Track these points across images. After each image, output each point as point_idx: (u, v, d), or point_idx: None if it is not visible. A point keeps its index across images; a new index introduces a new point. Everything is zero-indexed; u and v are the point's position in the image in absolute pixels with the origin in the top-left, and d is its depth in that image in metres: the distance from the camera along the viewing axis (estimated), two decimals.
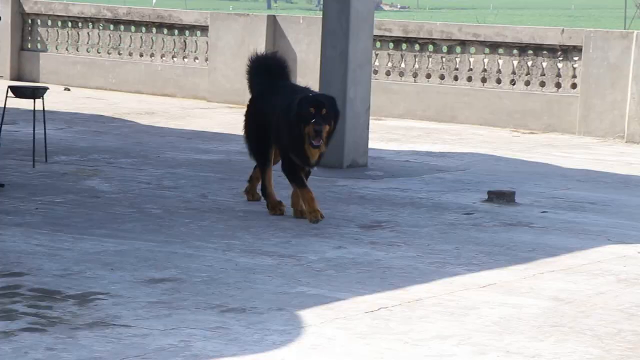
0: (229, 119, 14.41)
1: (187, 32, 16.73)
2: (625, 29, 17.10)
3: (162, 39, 16.90)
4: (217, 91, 16.06)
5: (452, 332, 5.44)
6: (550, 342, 5.34)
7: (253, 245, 7.22)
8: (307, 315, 5.63)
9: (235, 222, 7.95)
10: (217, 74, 16.11)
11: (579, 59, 13.90)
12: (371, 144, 11.20)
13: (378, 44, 15.23)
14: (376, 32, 14.66)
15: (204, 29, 16.44)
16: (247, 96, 17.73)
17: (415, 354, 5.09)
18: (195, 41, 16.62)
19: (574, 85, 14.00)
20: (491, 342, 5.29)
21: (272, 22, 15.76)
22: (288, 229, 7.76)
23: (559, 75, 14.14)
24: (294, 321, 5.52)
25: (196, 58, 16.59)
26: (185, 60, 16.71)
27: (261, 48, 15.67)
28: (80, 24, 17.60)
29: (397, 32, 15.25)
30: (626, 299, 6.18)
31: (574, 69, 14.02)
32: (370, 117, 11.12)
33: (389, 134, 13.49)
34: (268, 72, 8.53)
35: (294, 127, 7.83)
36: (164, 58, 16.87)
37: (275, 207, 8.25)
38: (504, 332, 5.48)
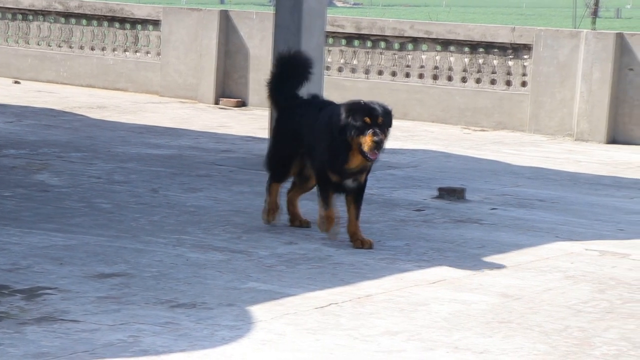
0: (181, 114, 14.36)
1: (139, 26, 16.63)
2: (574, 27, 17.26)
3: (114, 32, 16.79)
4: (169, 86, 15.99)
5: (402, 328, 5.46)
6: (499, 338, 5.38)
7: (204, 240, 7.20)
8: (258, 310, 5.63)
9: (186, 217, 7.92)
10: (170, 69, 16.04)
11: (529, 58, 14.02)
12: None
13: (330, 41, 15.25)
14: (329, 28, 14.68)
15: (156, 23, 16.36)
16: (200, 91, 17.71)
17: (365, 350, 5.11)
18: (148, 35, 16.53)
19: (524, 84, 14.12)
20: (440, 338, 5.33)
21: (225, 17, 15.72)
22: (239, 224, 7.75)
23: (509, 73, 14.25)
24: (244, 317, 5.52)
25: (148, 52, 16.51)
26: (138, 54, 16.61)
27: (213, 43, 15.64)
28: (30, 17, 17.43)
29: (350, 29, 15.28)
30: (573, 296, 6.25)
31: (524, 67, 14.13)
32: None
33: None
34: (295, 79, 7.72)
35: (336, 138, 6.97)
36: (115, 52, 16.76)
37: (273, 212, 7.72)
38: (452, 328, 5.51)
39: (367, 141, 6.84)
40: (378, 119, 6.88)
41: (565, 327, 5.61)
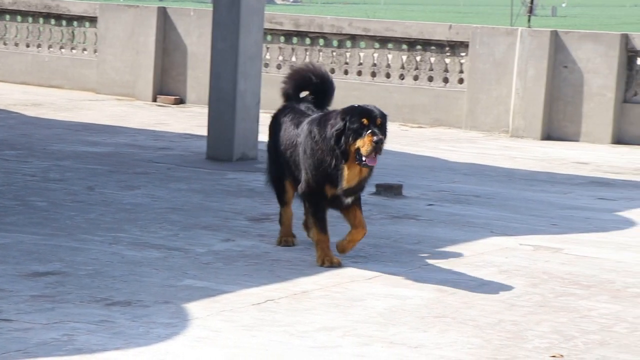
0: (118, 111, 14.27)
1: (75, 23, 16.49)
2: (511, 25, 17.42)
3: (50, 29, 16.63)
4: (106, 83, 15.87)
5: (338, 324, 5.49)
6: (434, 332, 5.43)
7: (140, 238, 7.17)
8: (194, 308, 5.62)
9: (122, 215, 7.88)
10: (106, 66, 15.92)
11: (466, 55, 14.13)
12: (262, 137, 11.20)
13: (269, 38, 15.25)
14: (267, 25, 14.67)
15: (93, 20, 16.23)
16: (137, 88, 17.59)
17: (301, 346, 5.12)
18: (84, 32, 16.40)
19: (461, 81, 14.24)
20: (376, 333, 5.36)
21: (163, 13, 15.63)
22: (176, 222, 7.73)
23: (446, 71, 14.35)
24: (180, 314, 5.51)
25: (85, 49, 16.37)
26: (74, 51, 16.47)
27: (151, 40, 15.56)
28: None
29: (288, 26, 15.29)
30: (507, 290, 6.32)
31: (461, 64, 14.25)
32: (261, 111, 11.13)
33: None
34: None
35: (333, 145, 6.43)
36: (51, 49, 16.60)
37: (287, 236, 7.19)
38: (388, 323, 5.55)
39: (365, 143, 6.31)
40: (376, 120, 6.41)
41: (499, 321, 5.67)
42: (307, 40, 15.20)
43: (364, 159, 6.35)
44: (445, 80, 14.35)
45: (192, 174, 9.79)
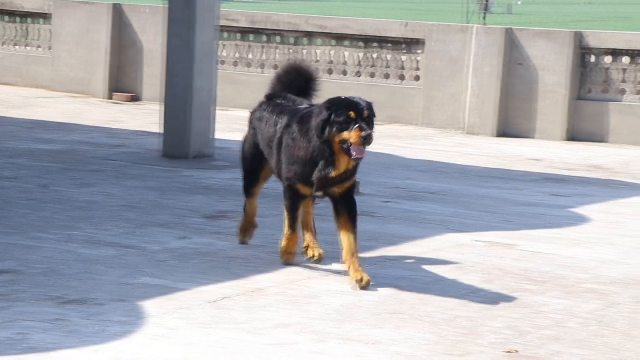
0: (73, 109, 14.17)
1: (29, 20, 16.35)
2: (466, 23, 17.52)
3: (3, 26, 16.48)
4: (61, 80, 15.76)
5: (294, 321, 5.50)
6: (389, 329, 5.46)
7: (95, 236, 7.13)
8: (149, 306, 5.60)
9: (77, 213, 7.83)
10: (61, 63, 15.81)
11: (422, 52, 14.19)
12: (218, 135, 11.18)
13: (225, 35, 15.22)
14: (223, 22, 14.63)
15: (47, 17, 16.10)
16: (92, 85, 17.46)
17: (257, 343, 5.13)
18: (38, 29, 16.26)
19: (417, 78, 14.29)
20: (332, 330, 5.38)
21: (117, 10, 15.55)
22: (132, 219, 7.69)
23: (402, 68, 14.41)
24: (135, 312, 5.48)
25: (39, 46, 16.24)
26: (28, 48, 16.33)
27: (106, 37, 15.46)
28: None
29: (244, 23, 15.27)
30: (462, 286, 6.36)
31: (417, 62, 14.31)
32: (217, 108, 11.11)
33: (235, 124, 13.50)
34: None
35: (318, 135, 6.19)
36: (4, 46, 16.45)
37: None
38: (344, 320, 5.57)
39: (353, 136, 6.07)
40: (364, 112, 6.15)
41: (454, 317, 5.71)
42: (264, 38, 15.18)
43: (352, 149, 6.10)
44: (401, 77, 14.40)
45: (147, 172, 9.75)
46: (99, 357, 4.82)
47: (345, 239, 6.31)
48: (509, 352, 5.17)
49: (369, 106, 6.25)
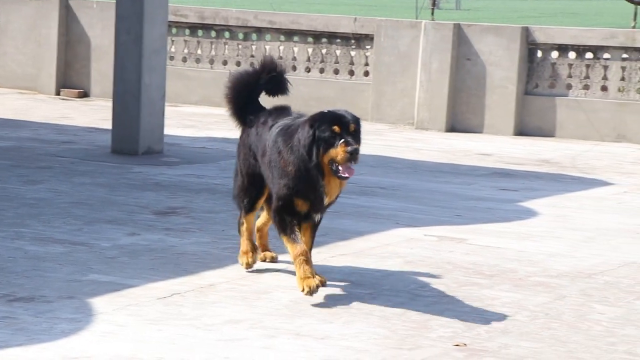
0: (20, 105, 14.03)
1: None
2: (415, 18, 17.58)
3: None
4: (8, 76, 15.60)
5: (244, 316, 5.50)
6: (339, 323, 5.47)
7: (43, 233, 7.07)
8: (99, 302, 5.57)
9: (25, 209, 7.76)
10: (7, 59, 15.65)
11: (371, 48, 14.24)
12: (167, 131, 11.14)
13: (174, 30, 15.16)
14: (172, 18, 14.59)
15: None
16: (40, 81, 17.28)
17: (207, 339, 5.12)
18: None
19: (366, 73, 14.34)
20: (282, 325, 5.38)
21: (65, 6, 15.42)
22: (80, 216, 7.64)
23: (352, 63, 14.44)
24: (84, 309, 5.45)
25: None
26: None
27: (53, 33, 15.33)
28: None
29: (193, 19, 15.21)
30: (412, 281, 6.40)
31: (367, 57, 14.35)
32: (167, 104, 11.07)
33: (185, 120, 13.47)
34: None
35: (303, 156, 5.77)
36: None
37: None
38: (294, 315, 5.58)
39: (339, 153, 5.68)
40: (349, 126, 5.74)
41: (404, 311, 5.74)
42: (213, 33, 15.14)
43: (340, 169, 5.71)
44: (351, 73, 14.43)
45: (96, 168, 9.69)
46: (47, 354, 4.79)
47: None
48: (457, 345, 5.21)
49: (355, 119, 5.81)
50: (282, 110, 6.32)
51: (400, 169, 10.61)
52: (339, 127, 5.73)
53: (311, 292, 5.72)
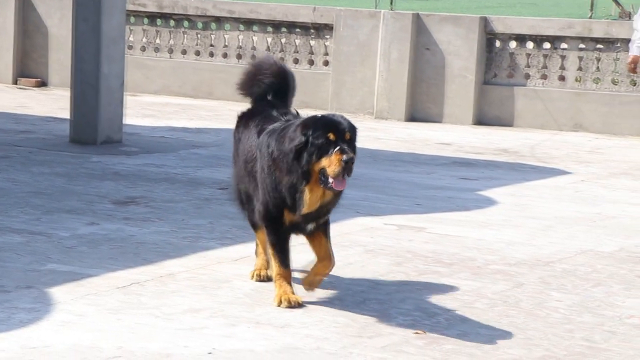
0: None
1: None
2: (374, 8, 17.61)
3: None
4: None
5: (204, 305, 5.49)
6: (300, 312, 5.48)
7: (1, 223, 7.02)
8: (57, 292, 5.54)
9: None
10: None
11: (331, 37, 14.24)
12: (126, 120, 11.09)
13: (132, 19, 15.07)
14: (130, 7, 14.50)
15: None
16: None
17: (167, 328, 5.11)
18: None
19: (326, 63, 14.34)
20: (242, 314, 5.38)
21: None
22: (39, 206, 7.59)
23: (312, 53, 14.44)
24: (43, 298, 5.42)
25: None
26: None
27: (10, 22, 15.19)
28: None
29: (152, 8, 15.13)
30: (372, 269, 6.42)
31: (326, 46, 14.35)
32: (126, 93, 11.00)
33: (144, 110, 13.40)
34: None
35: (292, 163, 5.35)
36: None
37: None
38: (255, 304, 5.58)
39: (333, 163, 5.25)
40: (345, 134, 5.32)
41: (364, 299, 5.76)
42: (172, 23, 15.07)
43: (330, 180, 5.30)
44: (311, 62, 14.43)
45: (55, 158, 9.63)
46: (5, 344, 4.75)
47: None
48: (417, 332, 5.23)
49: (351, 126, 5.42)
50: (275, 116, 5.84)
51: (360, 158, 10.51)
52: (335, 134, 5.30)
53: (281, 304, 5.49)
